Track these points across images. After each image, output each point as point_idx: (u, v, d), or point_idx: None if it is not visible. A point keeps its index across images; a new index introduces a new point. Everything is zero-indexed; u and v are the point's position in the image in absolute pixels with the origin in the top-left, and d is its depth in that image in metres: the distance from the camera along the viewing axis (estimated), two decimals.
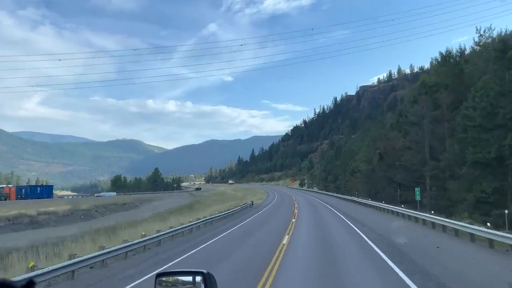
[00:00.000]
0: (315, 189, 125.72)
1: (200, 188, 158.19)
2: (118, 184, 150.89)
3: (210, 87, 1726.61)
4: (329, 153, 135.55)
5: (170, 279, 3.04)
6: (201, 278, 2.85)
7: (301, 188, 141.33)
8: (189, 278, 2.92)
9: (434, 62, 50.40)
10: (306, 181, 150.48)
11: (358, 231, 24.16)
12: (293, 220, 31.91)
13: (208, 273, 2.88)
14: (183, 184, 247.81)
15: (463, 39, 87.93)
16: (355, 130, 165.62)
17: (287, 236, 21.85)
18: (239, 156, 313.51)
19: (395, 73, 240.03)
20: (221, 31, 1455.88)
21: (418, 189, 33.47)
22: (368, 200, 48.96)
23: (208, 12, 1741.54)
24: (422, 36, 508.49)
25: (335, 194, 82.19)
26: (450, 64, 49.15)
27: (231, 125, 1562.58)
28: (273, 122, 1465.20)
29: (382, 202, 40.42)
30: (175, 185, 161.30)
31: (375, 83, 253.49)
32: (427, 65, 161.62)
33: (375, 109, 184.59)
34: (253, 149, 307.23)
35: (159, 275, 3.01)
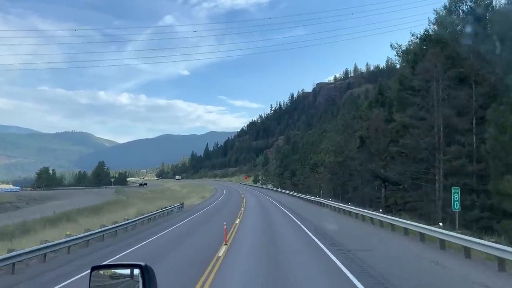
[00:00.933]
0: (270, 186, 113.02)
1: (146, 184, 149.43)
2: (44, 178, 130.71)
3: (165, 80, 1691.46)
4: (286, 147, 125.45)
5: (107, 272, 2.82)
6: (139, 271, 2.69)
7: (255, 185, 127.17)
8: (127, 271, 2.74)
9: (438, 12, 35.61)
10: (260, 177, 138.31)
11: None
12: (223, 249, 16.04)
13: (146, 265, 2.71)
14: (131, 179, 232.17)
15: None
16: (311, 126, 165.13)
17: None
18: (193, 151, 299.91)
19: (352, 71, 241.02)
20: (177, 23, 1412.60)
21: (458, 190, 17.58)
22: (348, 205, 33.79)
23: (164, 3, 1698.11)
24: (378, 33, 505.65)
25: (294, 193, 67.15)
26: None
27: (187, 120, 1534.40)
28: (229, 118, 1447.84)
29: (379, 211, 24.76)
30: (112, 180, 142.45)
31: (332, 81, 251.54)
32: (382, 64, 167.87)
33: (331, 106, 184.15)
34: (207, 144, 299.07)
35: (94, 268, 2.80)
